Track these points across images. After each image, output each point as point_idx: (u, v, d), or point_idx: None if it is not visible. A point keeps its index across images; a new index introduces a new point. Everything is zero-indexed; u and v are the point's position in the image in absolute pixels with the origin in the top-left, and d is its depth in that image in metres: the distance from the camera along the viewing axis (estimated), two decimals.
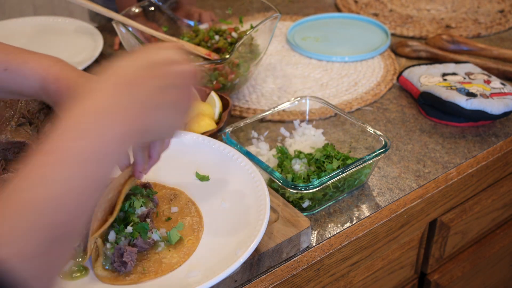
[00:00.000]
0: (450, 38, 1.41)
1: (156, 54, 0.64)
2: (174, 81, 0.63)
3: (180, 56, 0.65)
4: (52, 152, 0.53)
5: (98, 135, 0.56)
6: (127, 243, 0.79)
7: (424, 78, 1.23)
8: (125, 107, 0.59)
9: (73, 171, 0.53)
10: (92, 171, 0.55)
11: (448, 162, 1.07)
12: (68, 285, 0.75)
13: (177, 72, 0.64)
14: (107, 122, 0.57)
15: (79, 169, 0.53)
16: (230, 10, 1.39)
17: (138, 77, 0.61)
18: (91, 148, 0.55)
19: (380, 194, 1.00)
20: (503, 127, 1.16)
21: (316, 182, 0.88)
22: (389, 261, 1.09)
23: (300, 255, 0.88)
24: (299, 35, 1.52)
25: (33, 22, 1.54)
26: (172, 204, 0.88)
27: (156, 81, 0.62)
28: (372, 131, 1.01)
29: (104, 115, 0.57)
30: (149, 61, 0.63)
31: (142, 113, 0.60)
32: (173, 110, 0.64)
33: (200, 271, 0.76)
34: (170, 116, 0.64)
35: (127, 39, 1.19)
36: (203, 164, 0.94)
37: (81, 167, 0.53)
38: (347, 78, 1.34)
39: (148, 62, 0.63)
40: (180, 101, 0.65)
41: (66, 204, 0.51)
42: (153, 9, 1.36)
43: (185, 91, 0.65)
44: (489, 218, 1.28)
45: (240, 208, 0.86)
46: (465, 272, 1.31)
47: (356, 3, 1.71)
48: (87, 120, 0.56)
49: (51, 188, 0.51)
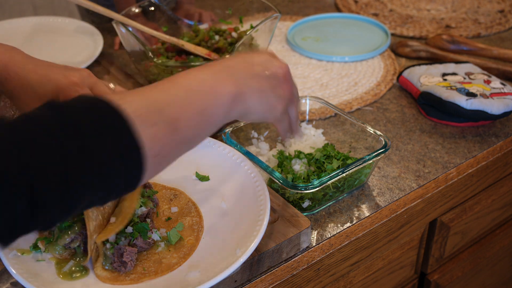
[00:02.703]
0: (450, 38, 1.41)
1: (253, 54, 0.75)
2: (270, 72, 0.73)
3: (273, 56, 0.76)
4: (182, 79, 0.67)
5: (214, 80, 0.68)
6: (127, 243, 0.79)
7: (424, 78, 1.23)
8: (233, 79, 0.69)
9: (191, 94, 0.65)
10: (204, 106, 0.66)
11: (448, 162, 1.07)
12: (69, 285, 0.75)
13: (272, 66, 0.74)
14: (222, 77, 0.68)
15: (196, 97, 0.65)
16: (230, 10, 1.39)
17: (240, 65, 0.72)
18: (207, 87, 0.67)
19: (380, 194, 1.00)
20: (503, 127, 1.16)
21: (316, 182, 0.88)
22: (389, 261, 1.09)
23: (300, 255, 0.88)
24: (299, 35, 1.52)
25: (33, 22, 1.54)
26: (172, 204, 0.88)
27: (255, 70, 0.72)
28: (372, 131, 1.01)
29: (217, 74, 0.69)
30: (247, 58, 0.74)
31: (247, 90, 0.70)
32: (272, 94, 0.73)
33: (200, 271, 0.76)
34: (270, 99, 0.73)
35: (127, 39, 1.19)
36: (203, 164, 0.94)
37: (197, 97, 0.65)
38: (347, 78, 1.34)
39: (246, 58, 0.74)
40: (279, 88, 0.74)
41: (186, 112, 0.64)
42: (153, 9, 1.36)
43: (283, 81, 0.74)
44: (489, 218, 1.28)
45: (240, 208, 0.86)
46: (465, 272, 1.31)
47: (356, 3, 1.71)
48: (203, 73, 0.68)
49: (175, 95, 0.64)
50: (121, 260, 0.76)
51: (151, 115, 0.61)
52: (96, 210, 0.77)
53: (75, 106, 0.57)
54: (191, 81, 0.67)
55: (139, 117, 0.59)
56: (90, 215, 0.76)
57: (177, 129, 0.63)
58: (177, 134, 0.63)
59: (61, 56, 1.40)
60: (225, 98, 0.68)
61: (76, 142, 0.54)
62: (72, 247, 0.78)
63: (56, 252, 0.78)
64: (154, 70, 1.18)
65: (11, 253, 0.77)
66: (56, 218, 0.55)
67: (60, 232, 0.79)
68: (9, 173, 0.50)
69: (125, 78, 1.31)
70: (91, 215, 0.76)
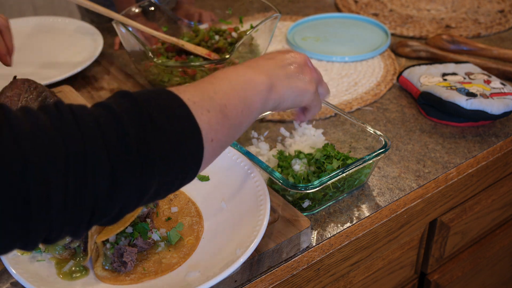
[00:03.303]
0: (450, 38, 1.41)
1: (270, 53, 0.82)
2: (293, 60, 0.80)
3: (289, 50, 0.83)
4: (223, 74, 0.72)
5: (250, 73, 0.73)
6: (127, 243, 0.79)
7: (424, 78, 1.23)
8: (264, 72, 0.75)
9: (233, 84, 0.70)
10: (246, 94, 0.70)
11: (448, 162, 1.07)
12: (69, 285, 0.75)
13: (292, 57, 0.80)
14: (256, 71, 0.74)
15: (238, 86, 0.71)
16: (230, 10, 1.39)
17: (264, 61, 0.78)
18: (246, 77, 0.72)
19: (380, 194, 1.00)
20: (503, 127, 1.16)
21: (316, 182, 0.88)
22: (389, 261, 1.09)
23: (300, 255, 0.88)
24: (299, 35, 1.52)
25: (33, 22, 1.54)
26: (172, 204, 0.88)
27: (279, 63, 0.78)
28: (372, 131, 1.01)
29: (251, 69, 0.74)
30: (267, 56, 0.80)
31: (277, 80, 0.76)
32: (298, 79, 0.79)
33: (200, 271, 0.76)
34: (298, 83, 0.79)
35: (127, 39, 1.19)
36: None
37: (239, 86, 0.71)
38: (347, 78, 1.34)
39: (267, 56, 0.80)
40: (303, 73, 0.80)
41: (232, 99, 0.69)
42: (153, 9, 1.36)
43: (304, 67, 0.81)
44: (489, 218, 1.28)
45: (240, 208, 0.86)
46: (465, 272, 1.31)
47: (356, 3, 1.71)
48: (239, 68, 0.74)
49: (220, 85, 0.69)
50: (121, 260, 0.76)
51: (205, 102, 0.65)
52: None
53: (143, 93, 0.61)
54: (231, 74, 0.72)
55: (195, 103, 0.63)
56: None
57: (227, 115, 0.67)
58: (227, 120, 0.67)
59: (61, 56, 1.40)
60: (261, 87, 0.73)
61: (149, 124, 0.58)
62: (72, 247, 0.78)
63: (56, 252, 0.78)
64: (154, 70, 1.18)
65: (11, 253, 0.77)
66: (132, 202, 0.57)
67: None
68: (92, 154, 0.53)
69: (125, 78, 1.31)
70: None
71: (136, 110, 0.58)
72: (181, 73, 1.16)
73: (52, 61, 1.38)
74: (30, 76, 1.10)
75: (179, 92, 0.64)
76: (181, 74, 1.16)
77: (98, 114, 0.56)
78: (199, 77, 1.16)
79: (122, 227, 0.78)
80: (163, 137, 0.58)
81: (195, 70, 1.15)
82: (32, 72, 1.32)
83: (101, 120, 0.55)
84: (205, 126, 0.63)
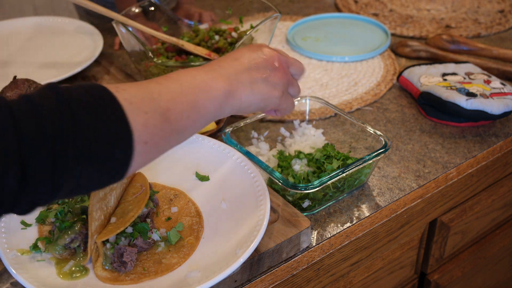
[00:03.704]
0: (450, 38, 1.41)
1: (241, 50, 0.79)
2: (262, 62, 0.77)
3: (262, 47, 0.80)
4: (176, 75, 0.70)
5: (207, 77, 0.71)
6: (127, 243, 0.79)
7: (424, 78, 1.23)
8: (225, 76, 0.73)
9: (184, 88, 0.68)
10: (196, 99, 0.69)
11: (448, 162, 1.07)
12: (69, 285, 0.75)
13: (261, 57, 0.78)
14: (214, 76, 0.72)
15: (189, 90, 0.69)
16: (230, 10, 1.39)
17: (229, 63, 0.75)
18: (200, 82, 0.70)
19: (380, 194, 1.00)
20: (503, 127, 1.16)
21: (316, 182, 0.88)
22: (389, 261, 1.09)
23: (300, 255, 0.88)
24: (299, 35, 1.52)
25: (33, 22, 1.54)
26: (172, 204, 0.88)
27: (245, 65, 0.76)
28: (372, 131, 1.01)
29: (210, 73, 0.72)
30: (236, 55, 0.77)
31: (239, 85, 0.74)
32: (264, 84, 0.77)
33: (200, 271, 0.76)
34: (263, 89, 0.76)
35: (127, 39, 1.19)
36: (203, 164, 0.94)
37: (190, 90, 0.69)
38: (347, 78, 1.34)
39: (236, 55, 0.77)
40: (270, 77, 0.77)
41: (177, 103, 0.67)
42: (153, 9, 1.36)
43: (273, 69, 0.78)
44: (489, 218, 1.28)
45: (240, 208, 0.86)
46: (465, 272, 1.31)
47: (356, 3, 1.71)
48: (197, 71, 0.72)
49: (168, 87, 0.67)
50: (121, 260, 0.76)
51: (144, 104, 0.63)
52: (99, 211, 0.77)
53: (73, 89, 0.60)
54: (184, 76, 0.70)
55: (132, 104, 0.62)
56: (94, 215, 0.76)
57: (168, 119, 0.65)
58: (168, 124, 0.65)
59: (61, 56, 1.40)
60: (216, 92, 0.71)
61: (70, 120, 0.57)
62: (72, 247, 0.78)
63: (56, 252, 0.78)
64: (154, 70, 1.18)
65: (11, 253, 0.77)
66: (43, 196, 0.57)
67: (60, 232, 0.79)
68: (1, 148, 0.53)
69: (125, 78, 1.31)
70: (95, 216, 0.76)
71: (59, 107, 0.57)
72: None
73: (52, 61, 1.38)
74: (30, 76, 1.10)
75: (117, 91, 0.62)
76: None
77: (17, 108, 0.55)
78: None
79: (122, 227, 0.78)
80: (83, 136, 0.57)
81: None
82: (32, 72, 1.32)
83: (17, 114, 0.55)
84: (139, 128, 0.62)
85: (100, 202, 0.78)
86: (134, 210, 0.80)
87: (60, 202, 0.84)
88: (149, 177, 0.90)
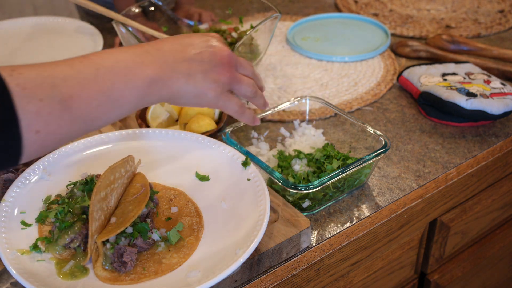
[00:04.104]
0: (450, 38, 1.41)
1: (193, 36, 0.74)
2: (205, 56, 0.72)
3: (214, 39, 0.75)
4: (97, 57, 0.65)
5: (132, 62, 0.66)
6: (127, 243, 0.79)
7: (424, 78, 1.23)
8: (158, 63, 0.68)
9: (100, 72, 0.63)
10: (112, 87, 0.64)
11: (448, 162, 1.07)
12: (68, 285, 0.75)
13: (209, 50, 0.73)
14: (144, 61, 0.66)
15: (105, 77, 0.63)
16: (230, 10, 1.39)
17: (172, 49, 0.71)
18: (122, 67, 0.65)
19: (380, 194, 1.00)
20: (503, 127, 1.16)
21: (316, 182, 0.88)
22: (389, 261, 1.09)
23: (300, 255, 0.88)
24: (299, 35, 1.52)
25: (33, 22, 1.54)
26: (172, 204, 0.88)
27: (188, 54, 0.71)
28: (372, 131, 1.01)
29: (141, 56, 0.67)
30: (184, 40, 0.72)
31: (173, 74, 0.69)
32: (202, 79, 0.72)
33: (200, 271, 0.76)
34: (198, 84, 0.72)
35: (127, 39, 1.19)
36: (203, 164, 0.94)
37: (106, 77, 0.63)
38: (347, 78, 1.34)
39: (184, 40, 0.72)
40: (211, 72, 0.73)
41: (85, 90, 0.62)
42: (153, 9, 1.36)
43: (218, 65, 0.73)
44: (489, 218, 1.28)
45: (240, 208, 0.86)
46: (465, 272, 1.31)
47: (356, 3, 1.71)
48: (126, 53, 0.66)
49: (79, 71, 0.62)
50: (121, 260, 0.76)
51: (39, 90, 0.60)
52: (100, 211, 0.77)
53: None
54: (106, 59, 0.65)
55: (25, 90, 0.59)
56: (94, 215, 0.76)
57: (69, 107, 0.61)
58: (68, 112, 0.62)
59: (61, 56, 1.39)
60: (139, 81, 0.66)
61: None
62: (72, 247, 0.78)
63: (56, 252, 0.78)
64: None
65: (11, 253, 0.77)
66: None
67: (60, 232, 0.79)
68: None
69: None
70: (95, 216, 0.76)
71: None
72: None
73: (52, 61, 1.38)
74: None
75: (12, 74, 0.59)
76: None
77: None
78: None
79: (122, 227, 0.78)
80: None
81: None
82: None
83: None
84: (29, 116, 0.58)
85: (101, 202, 0.78)
86: (134, 210, 0.80)
87: (60, 202, 0.84)
88: (149, 177, 0.90)
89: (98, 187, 0.77)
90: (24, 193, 0.87)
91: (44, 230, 0.82)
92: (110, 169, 0.80)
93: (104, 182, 0.78)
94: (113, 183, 0.81)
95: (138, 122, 1.06)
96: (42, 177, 0.90)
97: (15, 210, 0.84)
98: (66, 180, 0.89)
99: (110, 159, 0.91)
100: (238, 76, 0.78)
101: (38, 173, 0.90)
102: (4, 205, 0.83)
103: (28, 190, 0.87)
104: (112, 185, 0.80)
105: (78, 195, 0.84)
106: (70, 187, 0.87)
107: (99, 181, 0.77)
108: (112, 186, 0.80)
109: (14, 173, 0.91)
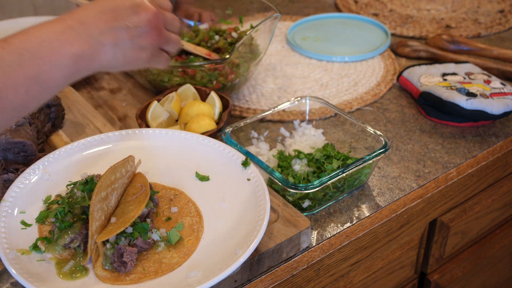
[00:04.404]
0: (450, 38, 1.41)
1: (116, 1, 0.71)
2: (131, 22, 0.70)
3: (139, 2, 0.72)
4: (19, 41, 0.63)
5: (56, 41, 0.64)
6: (127, 243, 0.79)
7: (424, 78, 1.23)
8: (83, 38, 0.66)
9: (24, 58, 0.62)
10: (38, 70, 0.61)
11: (448, 162, 1.07)
12: (68, 285, 0.75)
13: (135, 15, 0.70)
14: (68, 38, 0.65)
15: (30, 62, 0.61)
16: (230, 10, 1.39)
17: (95, 19, 0.68)
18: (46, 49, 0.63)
19: (380, 194, 1.00)
20: (503, 127, 1.16)
21: (316, 182, 0.88)
22: (389, 261, 1.09)
23: (300, 255, 0.88)
24: (299, 35, 1.52)
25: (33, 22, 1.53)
26: (172, 204, 0.88)
27: (113, 23, 0.69)
28: (372, 131, 1.01)
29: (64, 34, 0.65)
30: (108, 6, 0.70)
31: (100, 48, 0.67)
32: (131, 47, 0.71)
33: (200, 271, 0.76)
34: (128, 52, 0.71)
35: None
36: (203, 164, 0.94)
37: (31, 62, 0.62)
38: (347, 78, 1.34)
39: (107, 7, 0.70)
40: (139, 37, 0.71)
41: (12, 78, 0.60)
42: None
43: (145, 30, 0.72)
44: (489, 218, 1.28)
45: (240, 208, 0.86)
46: (465, 272, 1.31)
47: (356, 3, 1.71)
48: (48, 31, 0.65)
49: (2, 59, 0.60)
50: (121, 260, 0.76)
51: None
52: (100, 211, 0.77)
53: None
54: (29, 41, 0.64)
55: None
56: (95, 215, 0.76)
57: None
58: None
59: None
60: (66, 60, 0.65)
61: None
62: (72, 247, 0.78)
63: (56, 252, 0.78)
64: (154, 70, 1.18)
65: (11, 253, 0.77)
66: None
67: (60, 232, 0.79)
68: None
69: (125, 78, 1.31)
70: (96, 216, 0.76)
71: None
72: (181, 73, 1.16)
73: None
74: None
75: None
76: (181, 74, 1.17)
77: None
78: (199, 77, 1.16)
79: (122, 227, 0.78)
80: None
81: (195, 70, 1.15)
82: None
83: None
84: None
85: (101, 202, 0.78)
86: (135, 210, 0.80)
87: (60, 202, 0.84)
88: (149, 177, 0.90)
89: (99, 187, 0.77)
90: (24, 193, 0.87)
91: (44, 230, 0.82)
92: (111, 169, 0.80)
93: (105, 182, 0.78)
94: (113, 183, 0.81)
95: (138, 122, 1.06)
96: (42, 177, 0.90)
97: (15, 210, 0.84)
98: (66, 180, 0.89)
99: (110, 159, 0.91)
100: (166, 36, 0.77)
101: (38, 173, 0.90)
102: (4, 205, 0.83)
103: (28, 190, 0.87)
104: (113, 185, 0.81)
105: (78, 195, 0.84)
106: (70, 187, 0.87)
107: (100, 181, 0.77)
108: (112, 186, 0.80)
109: (14, 173, 0.91)
